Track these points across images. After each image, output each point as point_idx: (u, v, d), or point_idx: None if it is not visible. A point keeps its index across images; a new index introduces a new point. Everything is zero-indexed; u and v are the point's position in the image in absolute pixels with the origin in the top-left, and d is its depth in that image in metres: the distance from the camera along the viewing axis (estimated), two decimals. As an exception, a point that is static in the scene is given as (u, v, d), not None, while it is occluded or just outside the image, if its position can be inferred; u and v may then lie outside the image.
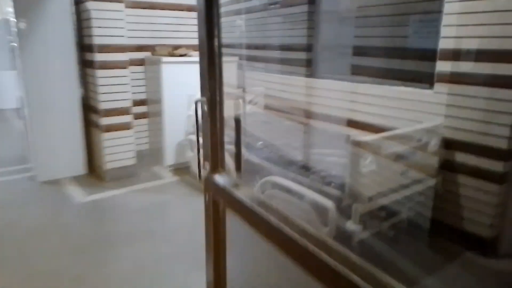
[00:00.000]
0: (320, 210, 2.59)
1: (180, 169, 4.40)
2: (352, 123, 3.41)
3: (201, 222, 3.23)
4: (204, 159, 1.21)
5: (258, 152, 3.08)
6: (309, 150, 2.90)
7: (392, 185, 2.48)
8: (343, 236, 2.36)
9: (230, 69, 4.59)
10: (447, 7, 2.69)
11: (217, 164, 1.20)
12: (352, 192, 2.28)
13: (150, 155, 4.74)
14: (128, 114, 4.04)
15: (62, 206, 3.52)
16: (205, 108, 1.17)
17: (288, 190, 2.80)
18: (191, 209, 3.47)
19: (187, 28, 4.72)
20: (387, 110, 3.14)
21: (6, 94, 7.48)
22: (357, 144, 2.23)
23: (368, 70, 3.40)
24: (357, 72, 3.45)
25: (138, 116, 4.49)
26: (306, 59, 4.02)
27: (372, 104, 3.22)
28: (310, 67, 4.00)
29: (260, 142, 3.08)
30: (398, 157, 2.47)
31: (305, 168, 2.66)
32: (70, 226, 3.18)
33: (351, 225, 2.32)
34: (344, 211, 2.56)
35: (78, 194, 3.75)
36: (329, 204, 2.38)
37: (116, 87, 3.92)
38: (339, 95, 3.52)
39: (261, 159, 3.07)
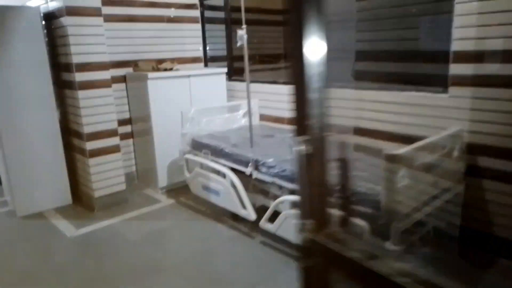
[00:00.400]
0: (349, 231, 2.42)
1: (174, 191, 4.12)
2: (360, 131, 3.28)
3: (212, 251, 2.97)
4: (302, 216, 0.96)
5: (267, 168, 2.88)
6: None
7: (425, 197, 2.35)
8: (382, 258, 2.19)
9: (219, 81, 4.36)
10: (458, 8, 2.60)
11: (323, 223, 0.95)
12: (388, 210, 2.12)
13: (139, 178, 4.43)
14: (115, 136, 3.73)
15: (52, 243, 3.17)
16: (307, 151, 0.92)
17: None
18: (196, 236, 3.21)
19: (169, 41, 4.45)
20: (398, 116, 3.02)
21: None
22: (392, 158, 2.07)
23: (373, 75, 3.28)
24: (362, 78, 3.33)
25: (122, 137, 4.16)
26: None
27: (381, 111, 3.10)
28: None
29: (271, 159, 2.88)
30: (429, 168, 2.35)
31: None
32: (65, 265, 2.84)
33: (390, 246, 2.16)
34: (378, 231, 2.40)
35: (67, 228, 3.39)
36: (363, 224, 2.22)
37: (100, 108, 3.60)
38: (343, 103, 3.38)
39: (270, 176, 2.87)
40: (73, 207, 3.83)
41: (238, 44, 2.70)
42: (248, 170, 3.00)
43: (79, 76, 3.45)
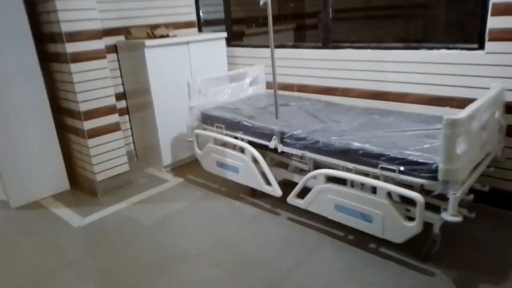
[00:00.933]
0: (397, 203, 2.28)
1: (180, 168, 3.86)
2: (383, 96, 3.10)
3: (237, 232, 2.77)
4: None
5: (295, 140, 2.66)
6: (358, 133, 2.53)
7: (475, 162, 2.21)
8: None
9: (219, 47, 4.03)
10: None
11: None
12: (447, 179, 1.96)
13: (138, 157, 4.12)
14: (114, 113, 3.39)
15: (59, 235, 2.87)
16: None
17: (344, 182, 2.44)
18: (216, 216, 2.99)
19: (161, 4, 4.04)
20: (427, 77, 2.85)
21: None
22: (453, 123, 1.90)
23: (397, 34, 3.06)
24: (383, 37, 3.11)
25: (117, 113, 3.81)
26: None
27: (410, 72, 2.92)
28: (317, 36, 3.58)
29: (299, 131, 2.65)
30: (479, 131, 2.19)
31: (368, 156, 2.29)
32: (81, 259, 2.57)
33: (448, 216, 2.02)
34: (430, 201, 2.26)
35: (71, 217, 3.10)
36: (416, 196, 2.06)
37: (95, 83, 3.24)
38: (364, 66, 3.16)
39: (299, 149, 2.66)
40: (73, 193, 3.52)
41: (262, 2, 2.40)
42: (272, 144, 2.77)
43: (71, 47, 3.06)
